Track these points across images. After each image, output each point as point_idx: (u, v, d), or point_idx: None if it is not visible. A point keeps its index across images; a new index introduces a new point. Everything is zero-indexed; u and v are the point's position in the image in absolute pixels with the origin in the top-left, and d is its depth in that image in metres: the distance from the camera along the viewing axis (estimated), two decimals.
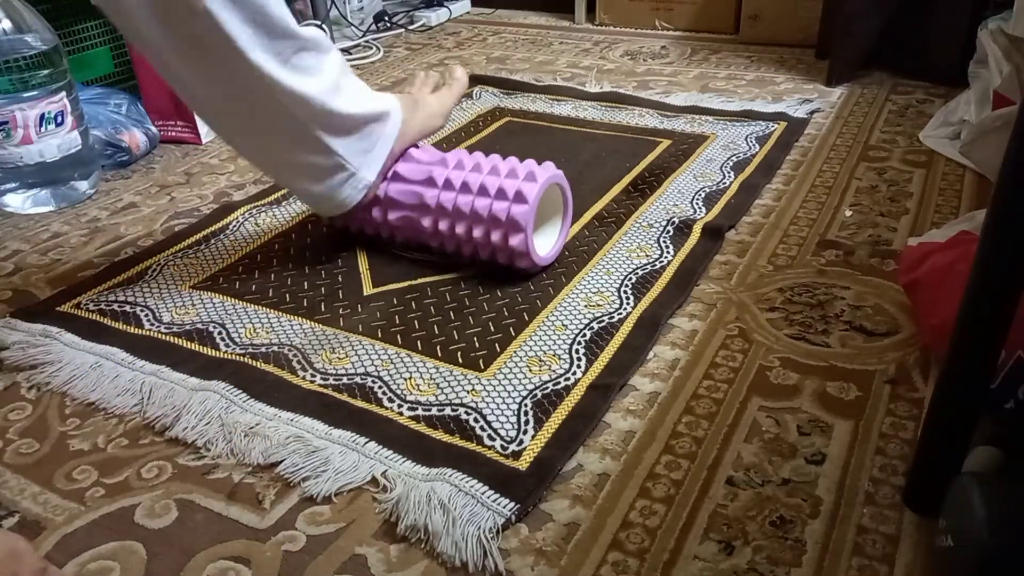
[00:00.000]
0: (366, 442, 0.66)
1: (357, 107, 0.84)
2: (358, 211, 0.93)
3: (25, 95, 1.06)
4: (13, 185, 1.11)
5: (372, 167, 0.88)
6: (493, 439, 0.66)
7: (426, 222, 0.90)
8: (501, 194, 0.86)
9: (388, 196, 0.91)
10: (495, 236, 0.86)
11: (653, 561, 0.56)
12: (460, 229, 0.88)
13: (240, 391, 0.73)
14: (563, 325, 0.81)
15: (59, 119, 1.09)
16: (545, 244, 0.90)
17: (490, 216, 0.85)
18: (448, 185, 0.88)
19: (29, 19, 1.07)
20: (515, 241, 0.85)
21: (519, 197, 0.85)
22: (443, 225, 0.89)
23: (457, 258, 0.92)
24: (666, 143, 1.23)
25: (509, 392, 0.72)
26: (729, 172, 1.13)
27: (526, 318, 0.82)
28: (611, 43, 1.82)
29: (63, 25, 1.29)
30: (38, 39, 1.07)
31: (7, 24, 1.05)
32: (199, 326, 0.83)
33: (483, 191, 0.87)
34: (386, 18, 2.00)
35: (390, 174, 0.91)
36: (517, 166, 0.88)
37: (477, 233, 0.87)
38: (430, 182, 0.89)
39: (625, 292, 0.86)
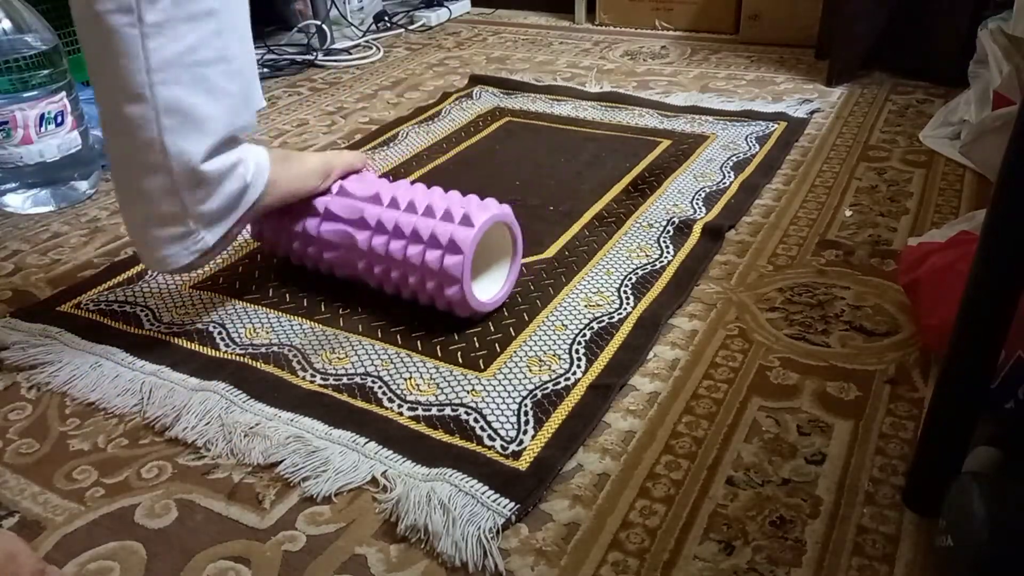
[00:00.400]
0: (366, 442, 0.66)
1: (225, 162, 0.74)
2: (292, 248, 0.89)
3: (25, 95, 1.06)
4: (13, 185, 1.11)
5: (215, 231, 0.77)
6: (493, 439, 0.66)
7: (361, 265, 0.84)
8: (434, 241, 0.78)
9: (321, 235, 0.85)
10: (430, 285, 0.79)
11: (653, 561, 0.56)
12: (395, 275, 0.82)
13: (240, 391, 0.73)
14: (563, 325, 0.81)
15: (59, 119, 1.09)
16: (491, 288, 0.83)
17: (423, 265, 0.78)
18: (381, 228, 0.81)
19: (29, 19, 1.07)
20: (451, 291, 0.78)
21: (452, 246, 0.77)
22: (378, 270, 0.83)
23: (397, 300, 0.85)
24: (666, 143, 1.23)
25: (509, 392, 0.72)
26: (729, 172, 1.13)
27: (526, 318, 0.82)
28: (611, 43, 1.82)
29: (63, 25, 1.29)
30: (38, 39, 1.07)
31: (7, 24, 1.05)
32: (199, 326, 0.83)
33: (416, 236, 0.79)
34: (386, 18, 2.00)
35: (323, 211, 0.85)
36: (454, 207, 0.79)
37: (411, 281, 0.81)
38: (362, 223, 0.83)
39: (625, 292, 0.86)
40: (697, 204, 1.05)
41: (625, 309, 0.83)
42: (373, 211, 0.82)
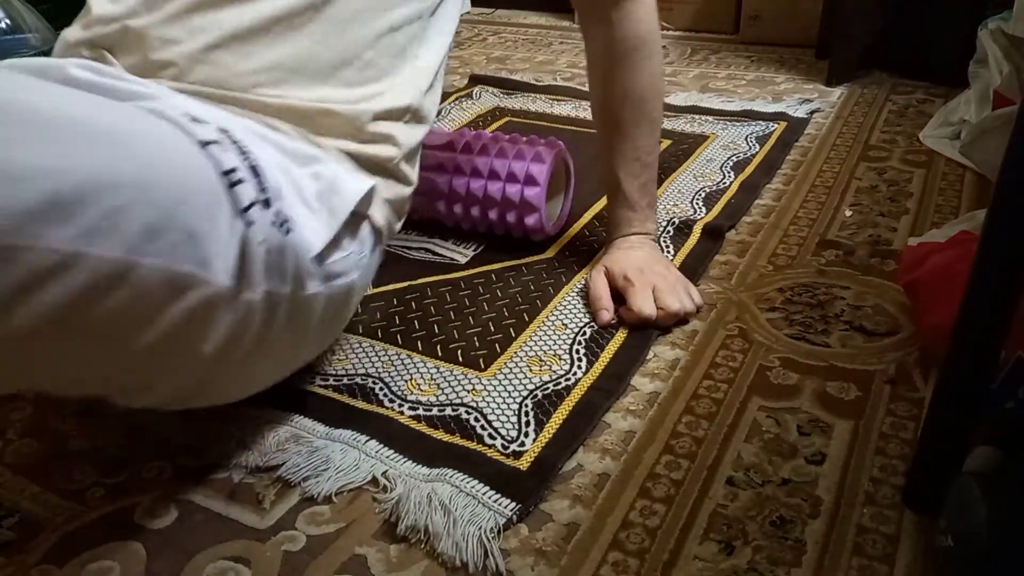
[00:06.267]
0: (367, 440, 0.66)
1: None
2: None
3: None
4: None
5: None
6: (494, 438, 0.66)
7: (440, 206, 0.95)
8: (512, 177, 0.90)
9: None
10: (510, 217, 0.92)
11: (653, 561, 0.56)
12: (475, 212, 0.93)
13: None
14: (563, 325, 0.81)
15: None
16: (553, 214, 0.97)
17: (504, 199, 0.91)
18: (459, 171, 0.93)
19: (29, 19, 1.07)
20: (531, 220, 0.91)
21: (530, 180, 0.90)
22: (458, 208, 0.94)
23: (472, 233, 0.97)
24: (666, 143, 1.23)
25: (510, 392, 0.72)
26: (729, 172, 1.13)
27: (526, 318, 0.82)
28: None
29: (63, 25, 1.28)
30: (38, 39, 1.07)
31: (7, 24, 1.05)
32: None
33: (494, 175, 0.91)
34: None
35: None
36: (523, 147, 0.92)
37: (492, 215, 0.92)
38: (439, 168, 0.94)
39: None
40: (697, 204, 1.05)
41: None
42: (448, 157, 0.94)
